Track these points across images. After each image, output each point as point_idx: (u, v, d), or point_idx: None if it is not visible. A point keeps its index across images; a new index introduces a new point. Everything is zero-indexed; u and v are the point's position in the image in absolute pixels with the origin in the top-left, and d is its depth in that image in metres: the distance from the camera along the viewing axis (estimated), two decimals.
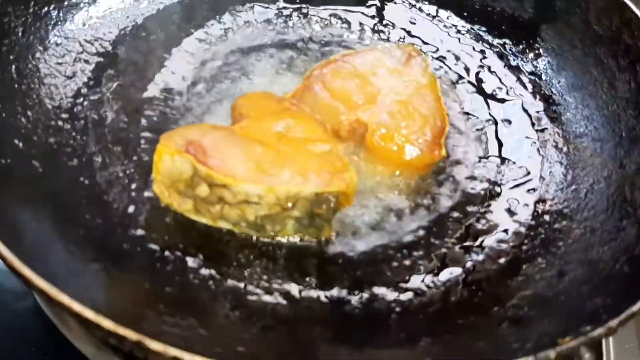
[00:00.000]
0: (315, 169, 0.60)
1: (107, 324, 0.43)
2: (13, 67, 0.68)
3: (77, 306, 0.44)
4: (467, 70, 0.81)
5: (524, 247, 0.64)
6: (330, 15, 0.85)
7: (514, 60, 0.83)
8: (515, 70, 0.82)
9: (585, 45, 0.79)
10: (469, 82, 0.80)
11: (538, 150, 0.74)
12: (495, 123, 0.76)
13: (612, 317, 0.49)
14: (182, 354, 0.43)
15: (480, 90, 0.79)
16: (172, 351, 0.43)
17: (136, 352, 0.43)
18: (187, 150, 0.59)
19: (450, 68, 0.81)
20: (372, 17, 0.85)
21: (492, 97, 0.79)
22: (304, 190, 0.59)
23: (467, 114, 0.77)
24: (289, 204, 0.59)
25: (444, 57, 0.82)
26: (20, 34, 0.70)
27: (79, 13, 0.75)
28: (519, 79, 0.81)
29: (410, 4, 0.87)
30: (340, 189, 0.59)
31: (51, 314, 0.64)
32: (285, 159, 0.60)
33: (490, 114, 0.77)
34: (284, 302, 0.58)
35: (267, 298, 0.58)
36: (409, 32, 0.85)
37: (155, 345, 0.43)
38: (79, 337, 0.62)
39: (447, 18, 0.86)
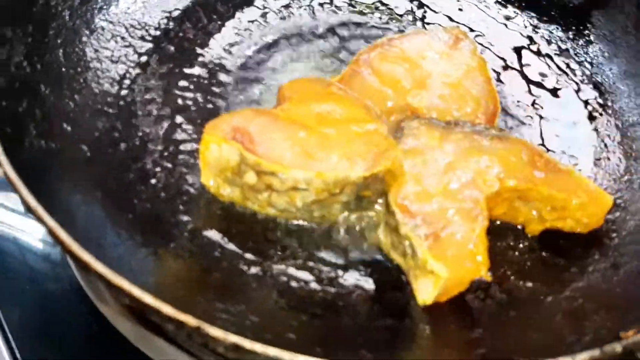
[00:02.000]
0: (361, 151, 0.59)
1: (167, 309, 0.43)
2: (60, 51, 0.68)
3: (136, 291, 0.43)
4: (514, 57, 0.80)
5: (575, 239, 0.63)
6: (375, 2, 0.83)
7: (564, 46, 0.80)
8: (565, 57, 0.80)
9: (639, 31, 0.76)
10: (517, 69, 0.78)
11: (589, 139, 0.72)
12: (544, 111, 0.74)
13: None
14: (243, 340, 0.42)
15: (528, 78, 0.77)
16: (232, 338, 0.42)
17: (194, 338, 0.43)
18: (234, 137, 0.58)
19: (497, 55, 0.79)
20: (417, 2, 0.84)
21: (541, 84, 0.77)
22: (352, 175, 0.58)
23: (515, 101, 0.75)
24: (337, 189, 0.59)
25: (491, 44, 0.80)
26: (67, 17, 0.70)
27: None
28: (569, 66, 0.79)
29: None
30: (386, 167, 0.58)
31: (89, 290, 0.64)
32: (330, 142, 0.59)
33: (538, 101, 0.75)
34: (332, 289, 0.57)
35: (314, 285, 0.57)
36: (452, 19, 0.83)
37: (214, 332, 0.42)
38: (116, 315, 0.62)
39: (494, 3, 0.84)
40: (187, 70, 0.72)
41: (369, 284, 0.58)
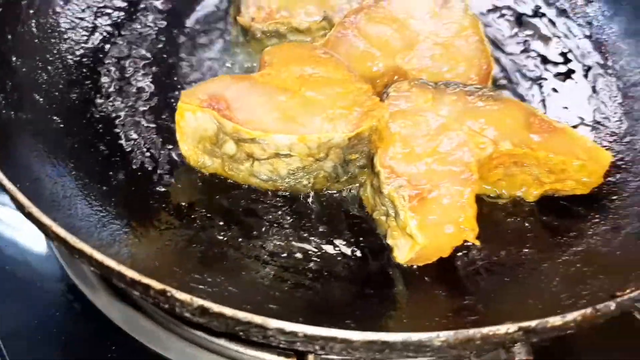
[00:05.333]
0: (344, 112, 0.56)
1: (131, 274, 0.41)
2: (33, 22, 0.65)
3: (98, 255, 0.41)
4: (516, 18, 0.76)
5: (576, 201, 0.60)
6: None
7: (563, 7, 0.77)
8: (566, 17, 0.76)
9: None
10: (518, 31, 0.75)
11: (591, 99, 0.68)
12: (544, 72, 0.71)
13: None
14: (210, 304, 0.39)
15: (530, 39, 0.74)
16: (199, 301, 0.39)
17: (162, 303, 0.40)
18: (209, 105, 0.56)
19: (496, 16, 0.76)
20: None
21: (541, 45, 0.73)
22: (336, 137, 0.55)
23: (517, 62, 0.72)
24: (322, 154, 0.56)
25: (491, 6, 0.77)
26: None
27: None
28: (568, 27, 0.75)
29: None
30: (371, 126, 0.55)
31: (74, 276, 0.62)
32: (313, 104, 0.56)
33: (538, 63, 0.72)
34: (317, 259, 0.55)
35: (299, 255, 0.55)
36: None
37: (180, 295, 0.40)
38: (105, 301, 0.60)
39: None
40: (165, 40, 0.69)
41: (355, 253, 0.55)
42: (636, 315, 0.44)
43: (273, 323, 0.39)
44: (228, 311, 0.39)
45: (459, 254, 0.55)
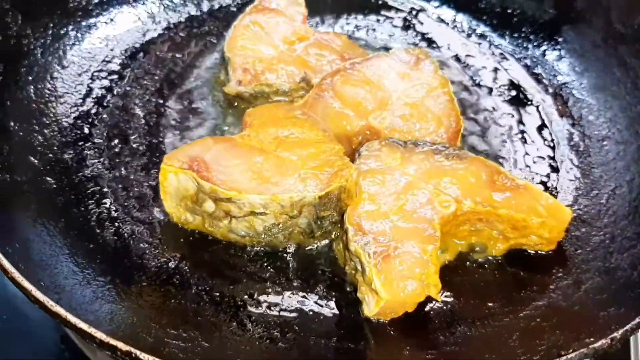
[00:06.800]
0: (316, 172, 0.60)
1: (100, 335, 0.44)
2: (31, 87, 0.70)
3: (72, 318, 0.45)
4: (487, 74, 0.80)
5: (542, 254, 0.62)
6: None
7: (535, 62, 0.80)
8: (537, 73, 0.79)
9: (608, 45, 0.76)
10: (490, 86, 0.78)
11: (559, 154, 0.71)
12: (516, 126, 0.74)
13: (619, 328, 0.47)
14: None
15: (501, 94, 0.77)
16: None
17: None
18: (190, 167, 0.60)
19: (469, 73, 0.80)
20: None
21: (513, 100, 0.77)
22: (307, 196, 0.58)
23: (487, 117, 0.75)
24: (295, 211, 0.59)
25: (464, 63, 0.81)
26: (39, 55, 0.72)
27: (96, 32, 0.78)
28: (540, 82, 0.79)
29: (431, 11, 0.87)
30: (340, 186, 0.59)
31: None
32: (287, 165, 0.60)
33: (511, 117, 0.75)
34: (290, 314, 0.58)
35: (273, 310, 0.58)
36: (427, 39, 0.84)
37: (144, 357, 0.43)
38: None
39: (465, 22, 0.85)
40: (156, 103, 0.73)
41: (327, 308, 0.58)
42: None
43: None
44: None
45: (427, 307, 0.58)
